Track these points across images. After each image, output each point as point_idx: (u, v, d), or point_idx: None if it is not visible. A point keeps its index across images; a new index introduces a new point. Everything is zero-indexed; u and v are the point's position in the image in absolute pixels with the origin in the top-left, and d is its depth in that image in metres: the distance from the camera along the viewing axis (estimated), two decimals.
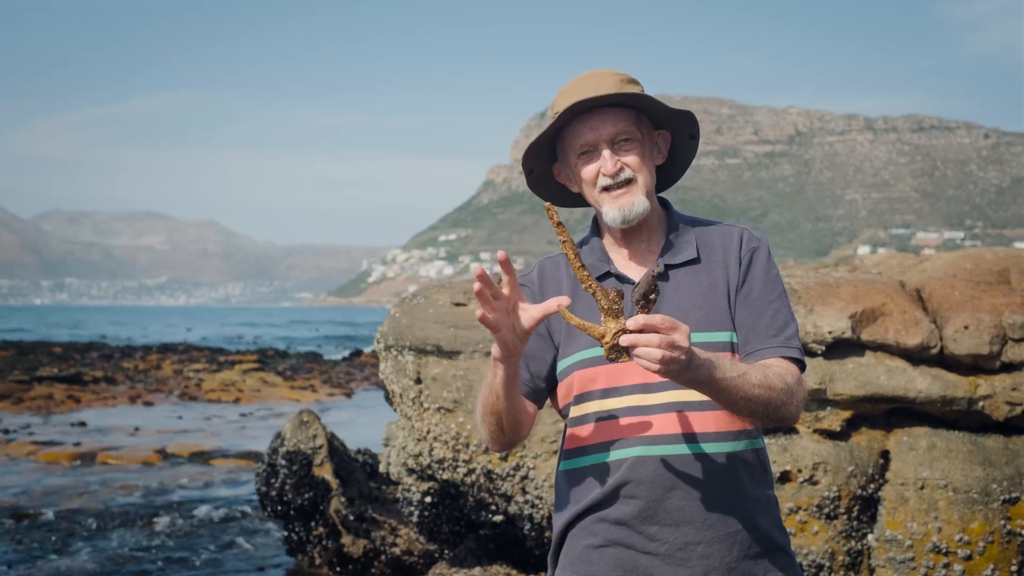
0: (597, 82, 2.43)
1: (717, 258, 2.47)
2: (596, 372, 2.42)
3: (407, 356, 6.20)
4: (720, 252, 2.48)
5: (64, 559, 8.36)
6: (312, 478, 7.31)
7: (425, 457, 6.15)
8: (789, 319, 2.46)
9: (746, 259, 2.48)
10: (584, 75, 2.48)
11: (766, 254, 2.51)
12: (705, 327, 2.40)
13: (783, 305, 2.48)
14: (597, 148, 2.45)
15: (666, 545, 2.38)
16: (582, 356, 2.44)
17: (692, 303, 2.42)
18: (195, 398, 22.21)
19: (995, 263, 5.87)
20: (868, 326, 5.35)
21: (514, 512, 6.04)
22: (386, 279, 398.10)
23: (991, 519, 5.10)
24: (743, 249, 2.49)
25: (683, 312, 2.39)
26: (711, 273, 2.46)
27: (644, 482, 2.38)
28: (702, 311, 2.41)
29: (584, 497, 2.46)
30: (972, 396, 5.27)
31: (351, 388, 25.35)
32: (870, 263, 6.60)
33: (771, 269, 2.50)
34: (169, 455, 13.91)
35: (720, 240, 2.51)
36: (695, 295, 2.43)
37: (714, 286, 2.45)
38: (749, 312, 2.45)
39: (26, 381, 22.50)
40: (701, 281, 2.45)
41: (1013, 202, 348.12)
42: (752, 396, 2.26)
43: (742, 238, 2.51)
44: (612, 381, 2.41)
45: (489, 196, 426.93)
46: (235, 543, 8.94)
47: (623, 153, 2.45)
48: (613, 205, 2.45)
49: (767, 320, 2.44)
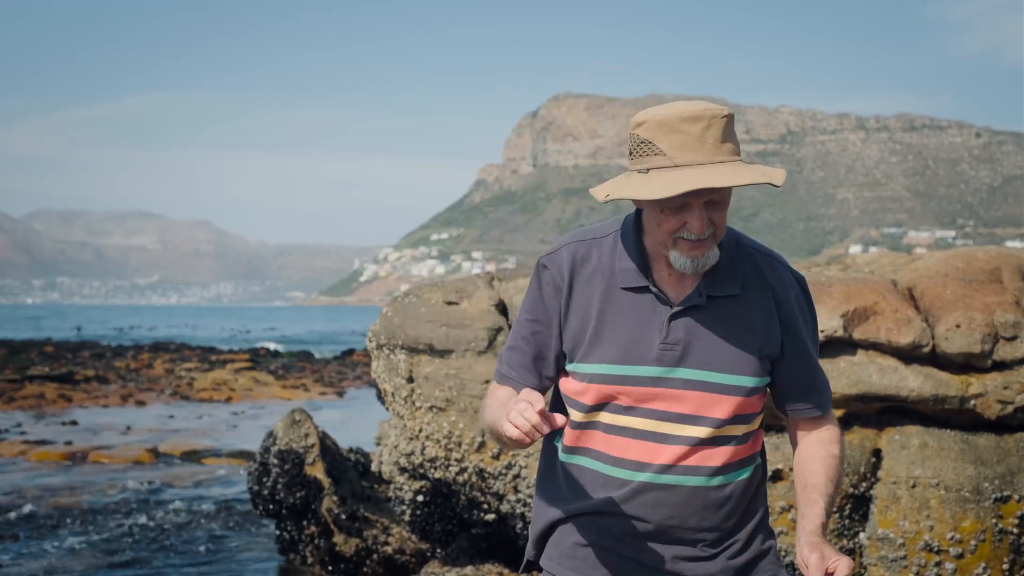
0: (703, 131, 2.22)
1: (758, 295, 2.40)
2: (620, 389, 2.38)
3: (399, 355, 6.20)
4: (762, 289, 2.41)
5: (55, 558, 8.33)
6: (304, 477, 7.30)
7: (417, 456, 6.14)
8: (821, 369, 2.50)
9: (788, 306, 2.42)
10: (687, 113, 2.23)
11: (808, 300, 2.47)
12: (731, 369, 2.36)
13: (817, 357, 2.49)
14: (690, 206, 2.26)
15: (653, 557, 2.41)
16: (609, 370, 2.38)
17: (725, 341, 2.36)
18: (187, 397, 22.18)
19: (987, 262, 5.88)
20: (860, 325, 5.36)
21: (506, 511, 6.04)
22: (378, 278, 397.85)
23: (983, 517, 5.11)
24: (786, 294, 2.42)
25: (714, 350, 2.35)
26: (750, 311, 2.39)
27: (643, 503, 2.39)
28: (733, 352, 2.36)
29: (582, 498, 2.45)
30: (964, 395, 5.28)
31: (343, 387, 25.34)
32: (862, 262, 6.61)
33: (812, 314, 2.48)
34: (161, 454, 13.88)
35: (764, 275, 2.43)
36: (730, 333, 2.37)
37: (750, 326, 2.39)
38: (797, 366, 2.43)
39: (17, 380, 22.45)
40: (738, 318, 2.38)
41: (1004, 201, 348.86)
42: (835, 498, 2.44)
43: (786, 282, 2.44)
44: (635, 401, 2.37)
45: (481, 195, 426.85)
46: (227, 542, 8.93)
47: (714, 212, 2.29)
48: (686, 255, 2.30)
49: (812, 377, 2.45)
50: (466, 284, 6.43)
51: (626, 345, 2.36)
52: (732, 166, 2.22)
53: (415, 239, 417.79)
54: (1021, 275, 5.82)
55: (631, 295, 2.39)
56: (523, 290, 6.28)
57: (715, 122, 2.22)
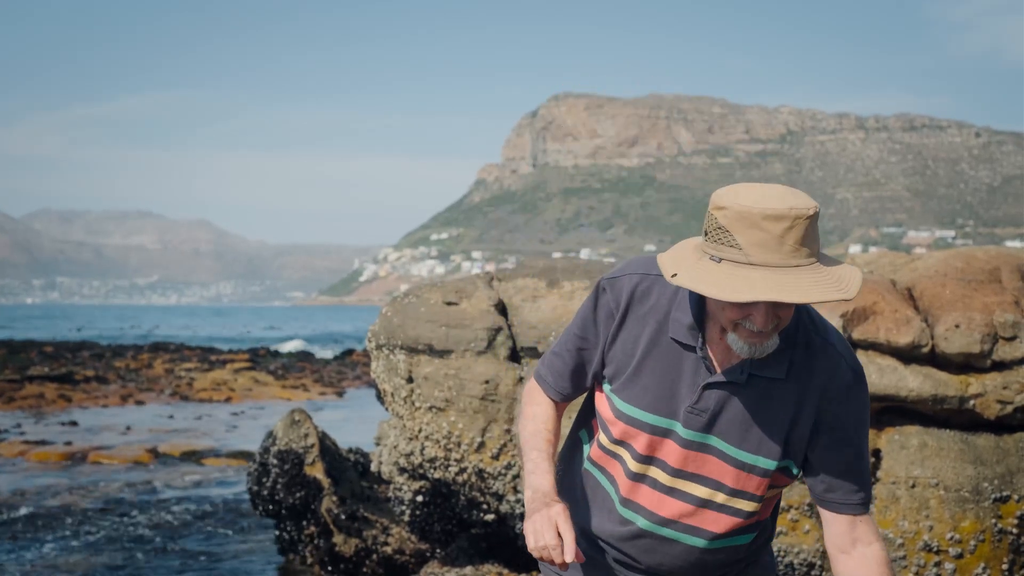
0: (785, 233, 2.10)
1: (803, 384, 2.31)
2: (644, 436, 2.37)
3: (399, 355, 6.20)
4: (809, 378, 2.32)
5: (55, 559, 8.33)
6: (304, 477, 7.30)
7: (417, 456, 6.14)
8: (868, 466, 2.38)
9: (833, 397, 2.32)
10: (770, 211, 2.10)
11: (860, 397, 2.35)
12: (753, 449, 2.33)
13: (866, 452, 2.37)
14: (758, 304, 2.17)
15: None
16: (637, 415, 2.37)
17: (753, 421, 2.31)
18: (187, 397, 22.17)
19: (986, 262, 5.88)
20: (859, 325, 5.36)
21: (506, 511, 6.04)
22: (378, 278, 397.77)
23: (982, 518, 5.11)
24: (833, 383, 2.32)
25: (740, 427, 2.31)
26: (787, 398, 2.31)
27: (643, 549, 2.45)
28: (758, 433, 2.31)
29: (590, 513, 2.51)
30: (963, 395, 5.28)
31: (343, 387, 25.33)
32: (861, 262, 6.61)
33: (863, 412, 2.36)
34: (160, 454, 13.87)
35: (816, 364, 2.32)
36: (760, 415, 2.31)
37: (783, 413, 2.32)
38: (832, 460, 2.34)
39: (17, 380, 22.44)
40: (773, 402, 2.31)
41: (1004, 201, 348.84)
42: None
43: (837, 372, 2.32)
44: (654, 451, 2.37)
45: (480, 195, 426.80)
46: (227, 542, 8.93)
47: (781, 308, 2.19)
48: (745, 341, 2.22)
49: (848, 474, 2.34)
50: (466, 284, 6.43)
51: (659, 395, 2.35)
52: (808, 272, 2.11)
53: (415, 239, 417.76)
54: (1020, 275, 5.82)
55: (678, 348, 2.34)
56: (523, 290, 6.29)
57: (798, 223, 2.10)
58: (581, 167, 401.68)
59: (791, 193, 2.14)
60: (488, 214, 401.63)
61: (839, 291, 2.11)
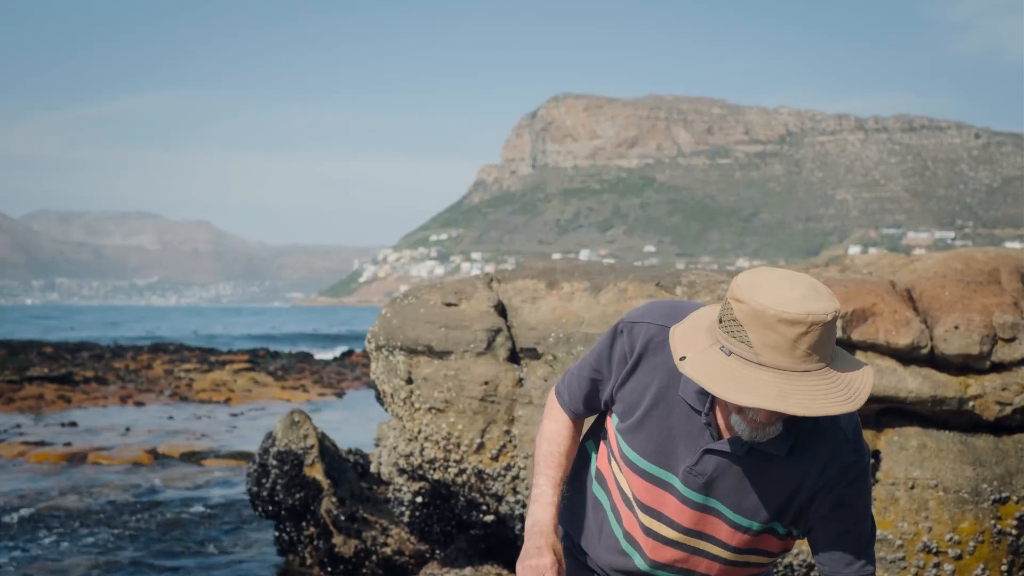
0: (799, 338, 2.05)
1: (803, 463, 2.30)
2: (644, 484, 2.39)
3: (398, 356, 6.20)
4: (811, 459, 2.30)
5: (53, 559, 8.33)
6: (303, 478, 7.30)
7: (416, 457, 6.14)
8: (870, 543, 2.35)
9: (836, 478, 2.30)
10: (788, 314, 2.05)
11: (858, 475, 2.31)
12: (753, 516, 2.33)
13: (866, 528, 2.35)
14: None
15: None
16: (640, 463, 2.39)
17: (753, 490, 2.31)
18: (186, 398, 22.16)
19: (985, 263, 5.88)
20: (859, 326, 5.36)
21: (505, 512, 6.04)
22: (377, 279, 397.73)
23: (981, 519, 5.12)
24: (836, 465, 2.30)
25: (735, 494, 2.31)
26: (786, 475, 2.30)
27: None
28: (752, 502, 2.32)
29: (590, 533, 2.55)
30: (962, 396, 5.28)
31: (342, 388, 25.32)
32: (861, 263, 6.61)
33: (862, 488, 2.33)
34: (160, 455, 13.87)
35: (820, 445, 2.29)
36: (760, 487, 2.31)
37: (786, 489, 2.31)
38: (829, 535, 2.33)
39: (16, 381, 22.43)
40: (775, 477, 2.30)
41: (1004, 202, 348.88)
42: None
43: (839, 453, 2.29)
44: (649, 500, 2.39)
45: (480, 196, 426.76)
46: (226, 543, 8.93)
47: None
48: (747, 424, 2.20)
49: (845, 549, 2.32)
50: (465, 285, 6.43)
51: (660, 448, 2.36)
52: (816, 378, 2.06)
53: (414, 240, 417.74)
54: (1020, 276, 5.83)
55: (685, 406, 2.33)
56: (522, 291, 6.29)
57: (814, 329, 2.05)
58: (580, 168, 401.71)
59: (813, 293, 2.09)
60: (487, 215, 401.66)
61: (846, 402, 2.06)
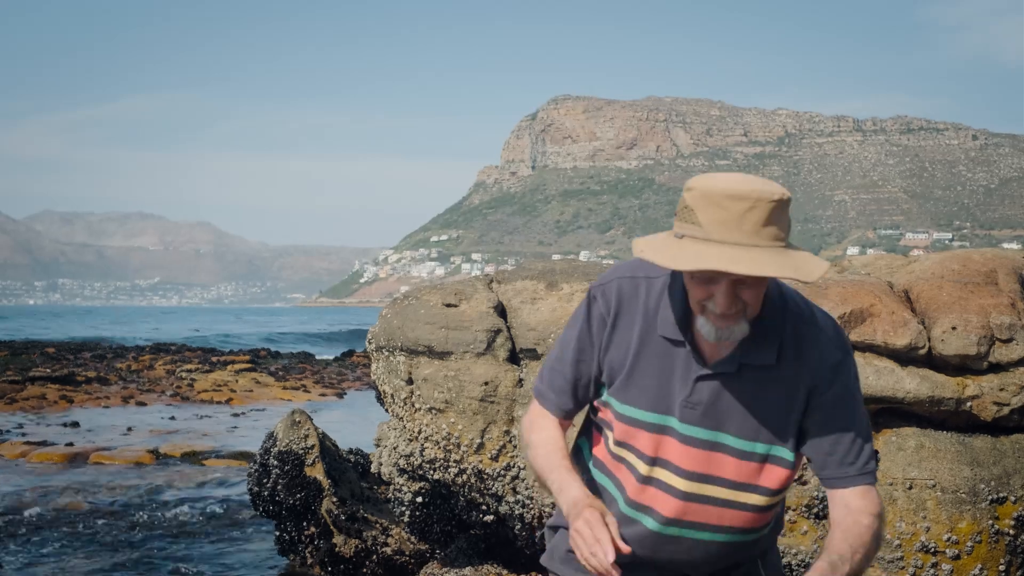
0: (746, 212, 2.12)
1: (795, 368, 2.33)
2: (645, 435, 2.39)
3: (398, 357, 6.22)
4: (800, 363, 2.33)
5: (55, 559, 8.35)
6: (304, 478, 7.32)
7: (416, 457, 6.16)
8: (867, 439, 2.37)
9: (826, 378, 2.34)
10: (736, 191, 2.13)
11: (848, 370, 2.37)
12: (761, 438, 2.35)
13: (862, 426, 2.37)
14: (718, 280, 2.20)
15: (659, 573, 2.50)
16: (637, 415, 2.39)
17: (748, 410, 2.33)
18: (188, 398, 22.17)
19: (983, 264, 5.90)
20: (856, 327, 5.38)
21: (505, 512, 6.06)
22: (378, 280, 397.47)
23: (979, 519, 5.14)
24: (825, 366, 2.34)
25: (736, 416, 2.33)
26: (785, 383, 2.33)
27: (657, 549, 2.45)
28: (753, 421, 2.33)
29: None
30: (960, 396, 5.30)
31: (343, 388, 25.32)
32: (858, 264, 6.63)
33: (852, 386, 2.37)
34: (162, 455, 13.89)
35: (804, 345, 2.34)
36: (755, 403, 2.33)
37: (781, 399, 2.34)
38: (828, 439, 2.34)
39: (19, 381, 22.44)
40: (770, 389, 2.34)
41: (1001, 203, 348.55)
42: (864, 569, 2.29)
43: (826, 352, 2.35)
44: (654, 451, 2.39)
45: (480, 197, 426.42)
46: (227, 543, 8.95)
47: (744, 289, 2.22)
48: (711, 324, 2.25)
49: (846, 447, 2.34)
50: (465, 286, 6.45)
51: (655, 393, 2.37)
52: (766, 252, 2.12)
53: (415, 241, 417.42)
54: (1017, 277, 5.85)
55: (667, 344, 2.36)
56: (522, 292, 6.31)
57: (760, 204, 2.12)
58: (580, 169, 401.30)
59: (761, 181, 2.17)
60: (487, 216, 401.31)
61: (796, 271, 2.12)
